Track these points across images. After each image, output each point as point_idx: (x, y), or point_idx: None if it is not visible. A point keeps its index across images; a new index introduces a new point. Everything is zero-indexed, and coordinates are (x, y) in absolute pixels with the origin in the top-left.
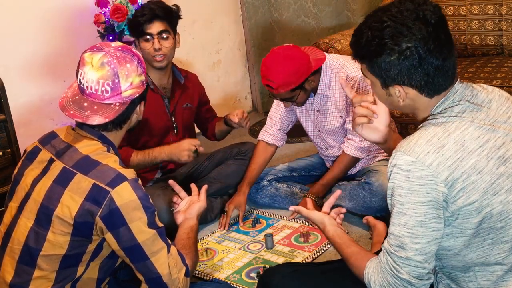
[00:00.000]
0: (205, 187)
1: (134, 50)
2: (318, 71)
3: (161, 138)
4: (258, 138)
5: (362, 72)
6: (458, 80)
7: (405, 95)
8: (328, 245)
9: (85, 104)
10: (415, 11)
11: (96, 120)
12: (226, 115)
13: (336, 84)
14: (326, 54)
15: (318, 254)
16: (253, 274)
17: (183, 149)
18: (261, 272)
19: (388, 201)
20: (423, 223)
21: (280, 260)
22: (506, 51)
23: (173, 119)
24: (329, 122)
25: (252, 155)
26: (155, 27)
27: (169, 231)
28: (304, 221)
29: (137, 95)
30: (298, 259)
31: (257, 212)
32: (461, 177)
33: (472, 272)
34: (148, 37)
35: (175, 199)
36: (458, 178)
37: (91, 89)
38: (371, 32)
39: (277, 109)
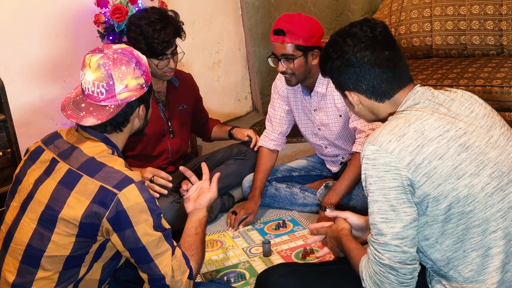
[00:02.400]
0: (217, 175)
1: (135, 52)
2: (320, 50)
3: (156, 143)
4: (259, 145)
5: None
6: (419, 84)
7: (358, 101)
8: None
9: (83, 105)
10: (354, 25)
11: (89, 121)
12: (231, 128)
13: (331, 84)
14: None
15: None
16: (226, 277)
17: (142, 176)
18: (232, 280)
19: (365, 193)
20: (395, 208)
21: (261, 268)
22: (506, 51)
23: (169, 123)
24: (330, 120)
25: (257, 163)
26: (170, 48)
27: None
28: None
29: (134, 98)
30: None
31: (292, 215)
32: (423, 162)
33: (452, 270)
34: (162, 57)
35: (184, 186)
36: (420, 164)
37: (88, 90)
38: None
39: (275, 112)
